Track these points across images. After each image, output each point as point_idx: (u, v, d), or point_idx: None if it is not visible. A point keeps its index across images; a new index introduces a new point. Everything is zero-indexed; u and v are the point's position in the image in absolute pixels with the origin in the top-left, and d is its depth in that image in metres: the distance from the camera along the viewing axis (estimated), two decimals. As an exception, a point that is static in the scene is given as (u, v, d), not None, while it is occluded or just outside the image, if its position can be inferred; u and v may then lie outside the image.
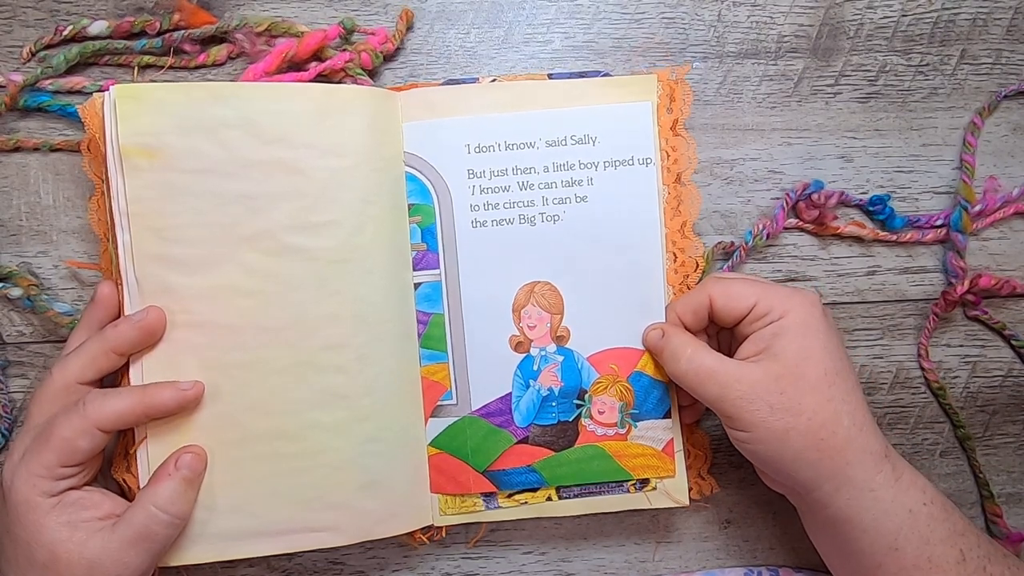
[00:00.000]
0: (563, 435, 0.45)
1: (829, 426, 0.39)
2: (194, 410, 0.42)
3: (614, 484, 0.46)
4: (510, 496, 0.46)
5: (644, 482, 0.46)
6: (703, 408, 0.46)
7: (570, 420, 0.45)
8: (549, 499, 0.46)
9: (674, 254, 0.45)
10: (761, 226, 0.47)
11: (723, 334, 0.45)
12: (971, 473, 0.49)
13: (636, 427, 0.45)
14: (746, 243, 0.47)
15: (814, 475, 0.39)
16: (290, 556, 0.47)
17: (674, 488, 0.46)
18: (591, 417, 0.45)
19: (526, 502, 0.46)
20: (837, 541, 0.41)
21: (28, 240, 0.47)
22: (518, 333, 0.45)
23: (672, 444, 0.45)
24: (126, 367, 0.42)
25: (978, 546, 0.39)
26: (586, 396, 0.45)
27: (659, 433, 0.45)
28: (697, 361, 0.41)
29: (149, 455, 0.41)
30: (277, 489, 0.42)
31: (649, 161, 0.45)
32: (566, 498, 0.46)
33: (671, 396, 0.45)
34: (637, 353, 0.45)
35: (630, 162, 0.45)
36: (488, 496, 0.46)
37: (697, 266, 0.46)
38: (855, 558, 0.40)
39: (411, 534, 0.46)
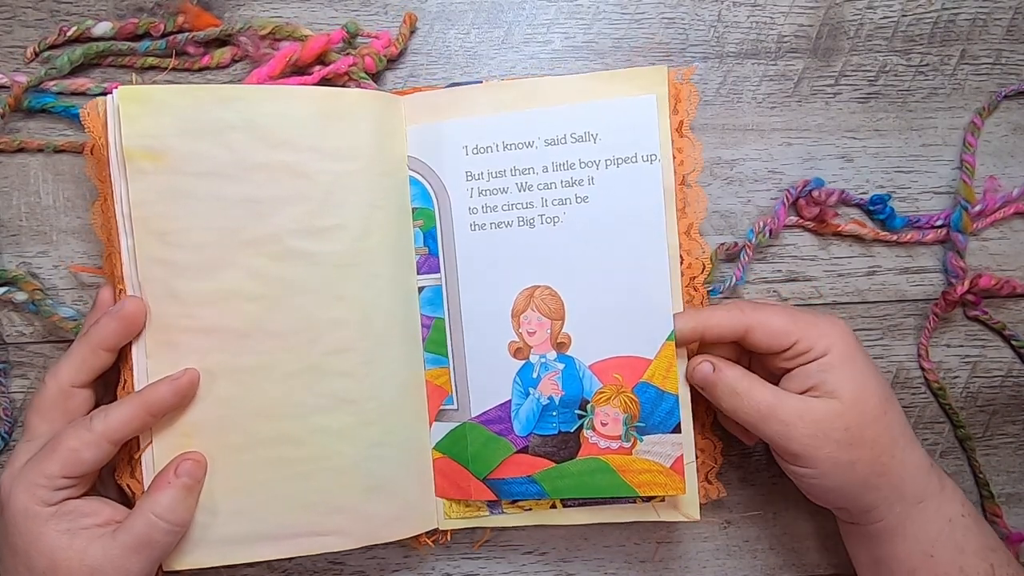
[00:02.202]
0: (564, 446, 0.44)
1: (889, 450, 0.40)
2: (199, 413, 0.41)
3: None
4: (514, 503, 0.45)
5: (651, 493, 0.45)
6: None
7: (571, 431, 0.44)
8: (553, 507, 0.45)
9: (680, 256, 0.44)
10: (763, 223, 0.47)
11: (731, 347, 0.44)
12: (971, 473, 0.49)
13: (642, 441, 0.43)
14: (750, 241, 0.47)
15: (875, 497, 0.40)
16: (291, 556, 0.47)
17: (684, 501, 0.44)
18: (593, 428, 0.44)
19: (530, 508, 0.45)
20: (874, 547, 0.42)
21: (28, 240, 0.47)
22: (517, 339, 0.44)
23: (681, 460, 0.43)
24: (130, 374, 0.41)
25: (1008, 564, 0.40)
26: (588, 406, 0.44)
27: (667, 448, 0.43)
28: (757, 397, 0.40)
29: (155, 460, 0.41)
30: (282, 493, 0.42)
31: (654, 158, 0.43)
32: (571, 506, 0.45)
33: (682, 409, 0.43)
34: (644, 362, 0.43)
35: (633, 159, 0.43)
36: (492, 502, 0.45)
37: (703, 268, 0.45)
38: (889, 563, 0.41)
39: (416, 538, 0.46)
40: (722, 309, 0.42)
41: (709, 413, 0.46)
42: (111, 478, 0.43)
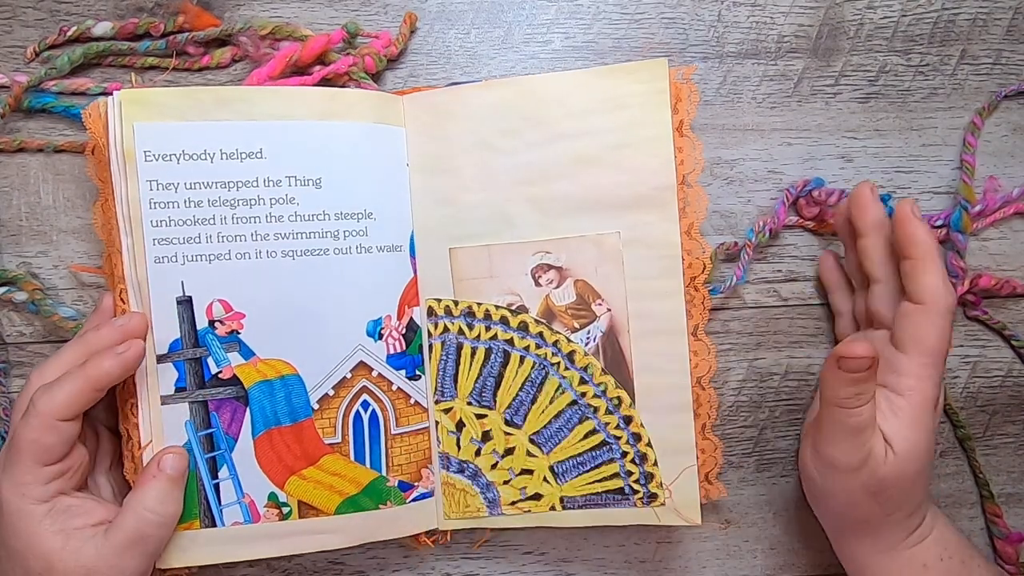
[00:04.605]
0: None
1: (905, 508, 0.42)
2: None
3: (620, 497, 0.45)
4: (513, 504, 0.45)
5: (652, 496, 0.44)
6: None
7: None
8: (553, 508, 0.45)
9: (681, 256, 0.44)
10: (763, 223, 0.47)
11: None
12: (971, 473, 0.49)
13: None
14: (750, 241, 0.47)
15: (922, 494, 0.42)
16: (290, 556, 0.47)
17: (685, 505, 0.44)
18: None
19: (529, 510, 0.45)
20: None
21: (28, 240, 0.47)
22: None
23: None
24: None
25: None
26: None
27: None
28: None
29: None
30: None
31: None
32: (570, 508, 0.45)
33: (683, 412, 0.44)
34: None
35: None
36: (491, 503, 0.45)
37: (703, 268, 0.45)
38: None
39: (415, 537, 0.46)
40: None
41: (709, 413, 0.46)
42: (103, 477, 0.43)
